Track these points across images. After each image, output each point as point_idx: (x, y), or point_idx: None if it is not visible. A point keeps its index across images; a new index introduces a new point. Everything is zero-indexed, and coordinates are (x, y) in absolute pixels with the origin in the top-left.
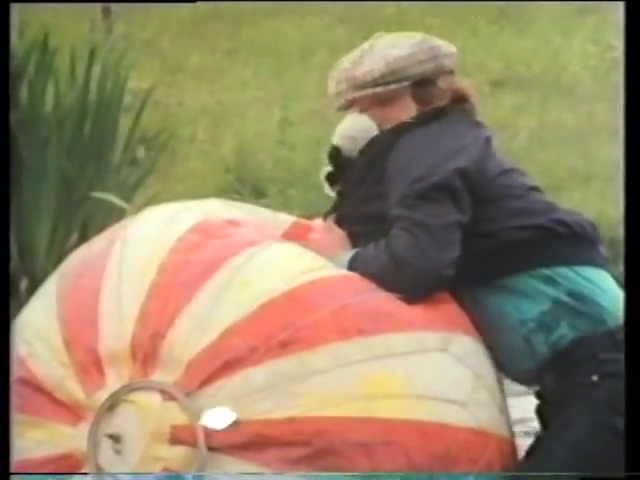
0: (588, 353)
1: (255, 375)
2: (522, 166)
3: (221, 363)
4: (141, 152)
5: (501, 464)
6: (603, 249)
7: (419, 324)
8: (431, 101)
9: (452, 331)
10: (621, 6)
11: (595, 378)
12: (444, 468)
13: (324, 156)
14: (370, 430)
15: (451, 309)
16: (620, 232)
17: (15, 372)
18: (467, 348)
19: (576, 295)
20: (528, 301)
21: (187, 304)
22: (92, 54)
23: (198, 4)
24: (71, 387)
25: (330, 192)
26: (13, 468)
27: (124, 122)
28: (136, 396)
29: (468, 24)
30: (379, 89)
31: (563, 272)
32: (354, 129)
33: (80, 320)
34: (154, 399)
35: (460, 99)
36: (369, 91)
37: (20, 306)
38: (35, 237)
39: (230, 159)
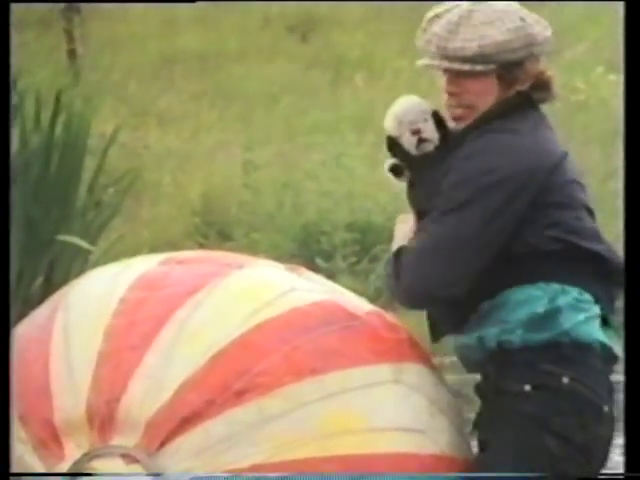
0: (528, 360)
1: (214, 427)
2: None
3: (179, 420)
4: (106, 195)
5: None
6: (616, 296)
7: (370, 357)
8: (515, 83)
9: (403, 361)
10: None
11: (527, 388)
12: None
13: (289, 200)
14: (334, 468)
15: (402, 338)
16: None
17: None
18: (420, 376)
19: (546, 313)
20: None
21: (138, 366)
22: (58, 97)
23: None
24: (31, 462)
25: (397, 183)
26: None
27: (90, 165)
28: (98, 463)
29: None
30: (466, 67)
31: (564, 288)
32: (400, 109)
33: (32, 393)
34: (116, 464)
35: (542, 84)
36: (455, 65)
37: None
38: None
39: (196, 203)
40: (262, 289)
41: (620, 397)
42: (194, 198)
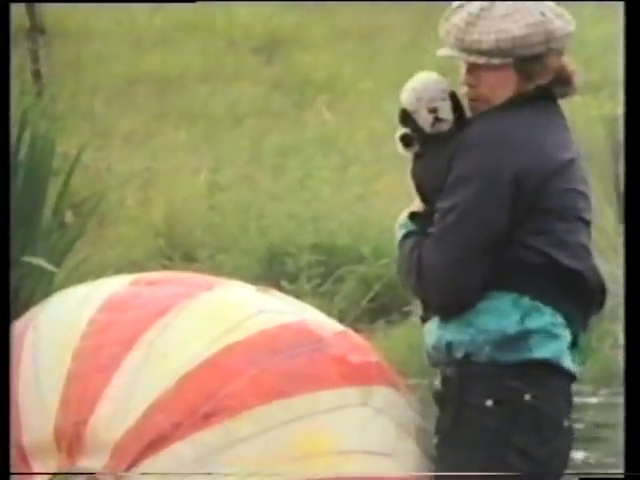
0: (492, 375)
1: (182, 450)
2: None
3: (147, 442)
4: (69, 216)
5: None
6: (591, 314)
7: (338, 380)
8: (534, 77)
9: (371, 384)
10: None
11: (489, 403)
12: None
13: (253, 221)
14: None
15: (370, 361)
16: None
17: None
18: (388, 399)
19: (517, 335)
20: (489, 317)
21: (106, 388)
22: (23, 117)
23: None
24: None
25: (405, 153)
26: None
27: (53, 185)
28: None
29: (398, 87)
30: (482, 59)
31: (537, 306)
32: (420, 85)
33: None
34: None
35: (563, 78)
36: (472, 58)
37: None
38: None
39: (160, 224)
40: (230, 311)
41: (620, 397)
42: (158, 219)
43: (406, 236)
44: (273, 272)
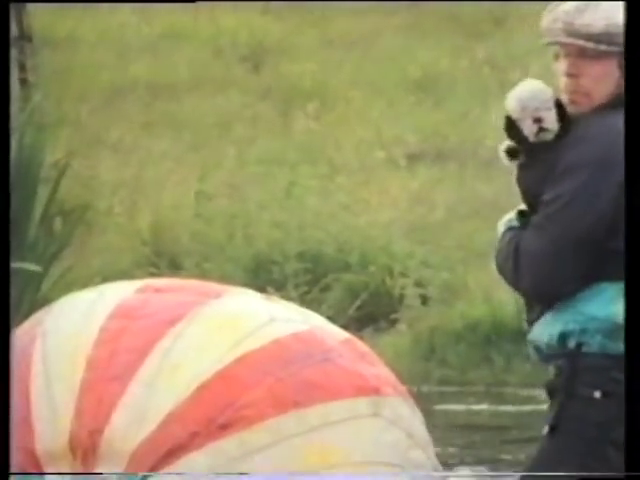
0: (602, 366)
1: (198, 459)
2: (440, 239)
3: (164, 452)
4: (57, 225)
5: None
6: None
7: (349, 391)
8: None
9: (382, 394)
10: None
11: (597, 394)
12: None
13: (240, 230)
14: None
15: (379, 371)
16: None
17: None
18: (398, 409)
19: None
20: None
21: (121, 397)
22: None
23: None
24: None
25: (509, 164)
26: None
27: (41, 194)
28: None
29: (385, 96)
30: (590, 44)
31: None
32: (526, 94)
33: (14, 423)
34: None
35: None
36: (580, 42)
37: None
38: None
39: (146, 232)
40: (243, 320)
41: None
42: (144, 228)
43: (507, 230)
44: (260, 280)
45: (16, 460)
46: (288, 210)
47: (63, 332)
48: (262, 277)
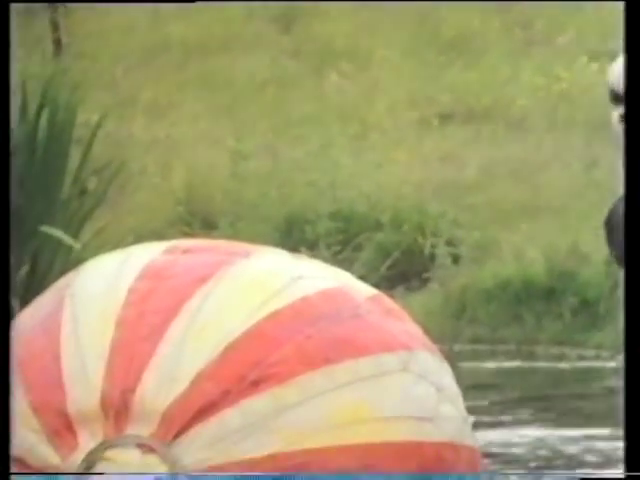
0: None
1: (231, 417)
2: (471, 199)
3: (196, 410)
4: (91, 184)
5: (472, 473)
6: None
7: (378, 347)
8: None
9: (410, 349)
10: (621, 7)
11: None
12: None
13: (273, 189)
14: (349, 457)
15: (407, 326)
16: (569, 264)
17: None
18: (427, 364)
19: None
20: None
21: (152, 357)
22: (45, 87)
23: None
24: (45, 452)
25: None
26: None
27: (74, 154)
28: (113, 453)
29: (417, 56)
30: None
31: None
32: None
33: (45, 385)
34: (132, 454)
35: None
36: None
37: None
38: None
39: (180, 192)
40: (270, 278)
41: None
42: (178, 187)
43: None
44: (292, 239)
45: (47, 421)
46: (321, 170)
47: (92, 294)
48: (295, 237)
